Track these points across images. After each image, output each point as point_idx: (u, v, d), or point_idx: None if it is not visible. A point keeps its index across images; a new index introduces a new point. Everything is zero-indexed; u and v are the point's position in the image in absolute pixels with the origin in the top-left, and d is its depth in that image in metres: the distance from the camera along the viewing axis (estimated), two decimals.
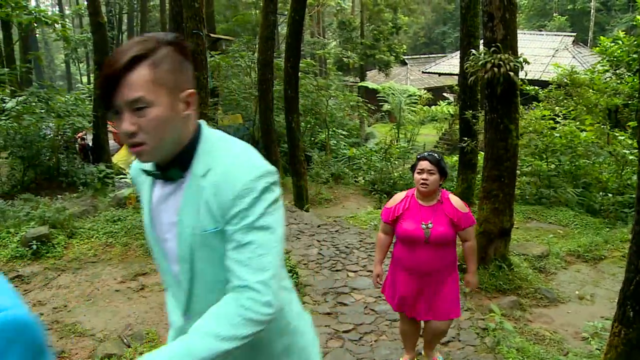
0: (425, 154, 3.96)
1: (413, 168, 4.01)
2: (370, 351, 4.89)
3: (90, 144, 17.67)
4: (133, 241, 6.76)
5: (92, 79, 18.34)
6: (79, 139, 17.22)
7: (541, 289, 7.05)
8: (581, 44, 30.32)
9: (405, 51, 36.02)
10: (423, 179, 3.86)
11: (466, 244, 4.10)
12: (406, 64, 38.27)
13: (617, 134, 11.81)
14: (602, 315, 6.56)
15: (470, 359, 4.73)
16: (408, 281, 4.06)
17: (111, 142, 20.85)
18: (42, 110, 12.99)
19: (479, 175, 11.62)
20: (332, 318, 5.68)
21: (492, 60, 6.55)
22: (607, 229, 9.92)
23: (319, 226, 9.30)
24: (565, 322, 6.46)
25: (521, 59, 6.68)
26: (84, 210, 8.20)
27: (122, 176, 9.25)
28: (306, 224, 9.44)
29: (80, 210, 8.11)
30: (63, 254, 6.47)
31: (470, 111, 10.68)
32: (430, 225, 3.87)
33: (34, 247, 6.35)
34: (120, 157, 19.36)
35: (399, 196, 4.15)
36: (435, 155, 3.94)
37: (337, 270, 7.10)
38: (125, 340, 4.73)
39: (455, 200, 4.01)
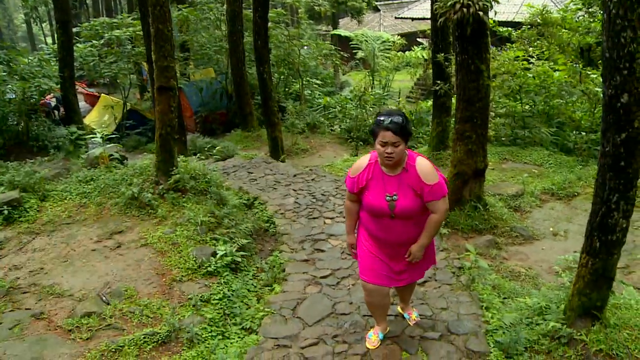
0: (387, 120, 3.39)
1: (373, 134, 3.51)
2: (348, 294, 4.96)
3: (54, 103, 17.27)
4: (107, 200, 6.67)
5: (56, 38, 17.69)
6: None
7: (516, 227, 7.16)
8: None
9: None
10: (388, 153, 3.43)
11: (431, 216, 3.62)
12: (379, 10, 37.64)
13: (589, 72, 11.80)
14: (575, 250, 6.66)
15: (447, 297, 4.81)
16: (379, 250, 3.80)
17: (82, 103, 20.47)
18: (4, 73, 12.58)
19: (453, 119, 11.63)
20: (309, 264, 5.73)
21: (461, 1, 6.44)
22: (580, 167, 10.04)
23: (294, 176, 9.28)
24: (539, 258, 6.59)
25: None
26: (56, 173, 8.05)
27: (93, 136, 9.06)
28: (282, 174, 9.41)
29: (53, 173, 7.96)
30: (36, 218, 6.38)
31: (442, 54, 10.58)
32: (395, 197, 3.54)
33: (5, 212, 6.23)
34: (92, 118, 19.02)
35: (362, 163, 3.70)
36: (398, 119, 3.39)
37: (314, 218, 7.12)
38: (104, 298, 4.72)
39: (422, 167, 3.54)
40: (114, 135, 12.05)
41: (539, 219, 7.73)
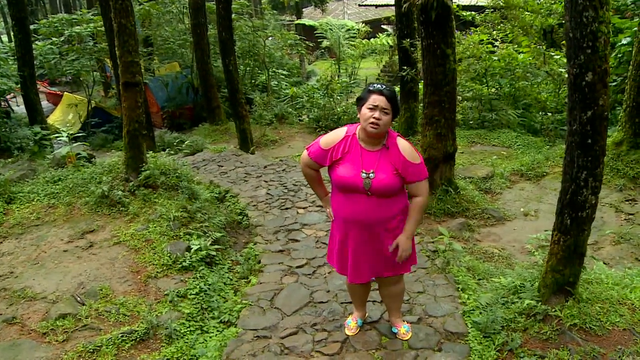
0: (380, 86, 3.27)
1: (361, 101, 3.30)
2: (324, 283, 4.97)
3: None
4: (77, 200, 6.54)
5: (12, 36, 17.20)
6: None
7: (488, 209, 7.26)
8: None
9: None
10: (375, 118, 3.19)
11: (414, 200, 3.45)
12: None
13: (553, 54, 12.00)
14: (546, 229, 6.74)
15: (423, 280, 4.86)
16: (348, 235, 3.54)
17: (44, 102, 20.03)
18: None
19: (421, 104, 11.71)
20: (285, 255, 5.73)
21: None
22: (548, 147, 10.21)
23: (265, 167, 9.25)
24: (512, 238, 6.70)
25: None
26: (22, 175, 7.86)
27: (59, 135, 8.87)
28: (252, 166, 9.37)
29: (18, 174, 7.77)
30: (3, 221, 6.23)
31: (408, 40, 10.63)
32: (371, 175, 3.29)
33: None
34: (56, 117, 18.64)
35: (338, 135, 3.45)
36: (392, 89, 3.29)
37: (286, 209, 7.11)
38: (78, 299, 4.64)
39: (404, 146, 3.36)
40: (80, 134, 11.80)
41: (509, 200, 7.85)
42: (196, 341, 4.19)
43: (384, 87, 3.26)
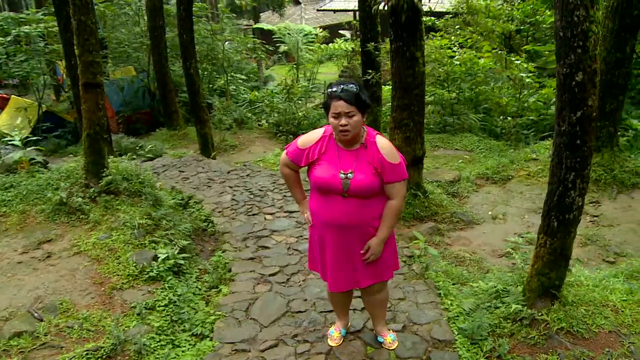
0: (339, 89, 3.10)
1: (326, 109, 3.18)
2: (301, 291, 4.79)
3: None
4: (31, 207, 6.18)
5: None
6: None
7: (456, 212, 7.23)
8: None
9: None
10: (342, 126, 3.10)
11: (389, 203, 3.32)
12: (300, 3, 37.57)
13: (513, 59, 12.17)
14: (515, 231, 6.85)
15: (402, 287, 4.74)
16: (326, 240, 3.43)
17: None
18: None
19: (383, 108, 11.70)
20: (256, 263, 5.52)
21: None
22: (512, 151, 10.30)
23: (228, 172, 9.02)
24: (482, 242, 6.68)
25: None
26: None
27: (10, 139, 8.42)
28: (215, 171, 9.12)
29: None
30: None
31: (372, 43, 10.58)
32: (350, 175, 3.19)
33: None
34: (2, 121, 17.87)
35: (315, 135, 3.36)
36: (352, 87, 3.10)
37: (253, 215, 6.91)
38: (36, 314, 4.32)
39: (383, 145, 3.24)
40: (34, 138, 11.25)
41: (477, 203, 7.85)
42: (168, 356, 3.94)
43: (342, 88, 3.10)
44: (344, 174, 3.21)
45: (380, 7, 6.79)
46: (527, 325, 3.67)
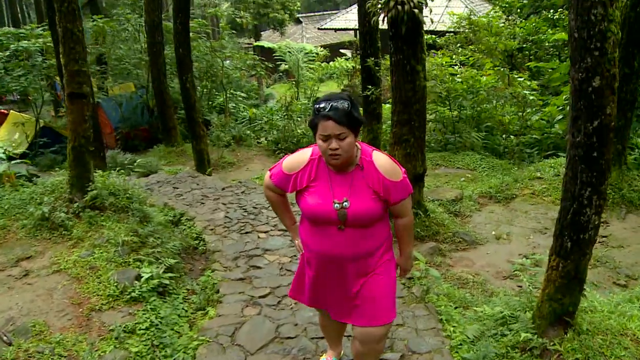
0: (327, 105, 2.63)
1: (313, 127, 2.74)
2: (292, 315, 4.46)
3: None
4: (12, 223, 5.88)
5: None
6: None
7: (459, 232, 6.94)
8: None
9: (299, 9, 35.25)
10: (332, 150, 2.66)
11: (399, 221, 2.99)
12: (301, 22, 37.60)
13: (516, 76, 11.96)
14: (520, 252, 6.55)
15: (401, 311, 4.40)
16: (319, 269, 3.02)
17: None
18: None
19: (384, 126, 11.47)
20: (246, 284, 5.20)
21: None
22: (515, 169, 10.05)
23: (223, 189, 8.73)
24: (485, 263, 6.38)
25: None
26: None
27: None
28: (210, 188, 8.84)
29: None
30: None
31: (372, 58, 10.35)
32: (346, 204, 2.77)
33: None
34: (1, 136, 17.67)
35: (302, 157, 2.92)
36: (342, 104, 2.63)
37: (246, 233, 6.61)
38: (5, 338, 4.00)
39: (382, 162, 2.81)
40: (22, 153, 10.95)
41: (480, 223, 7.56)
42: None
43: (331, 106, 2.63)
44: (338, 203, 2.78)
45: (380, 18, 6.57)
46: (538, 356, 3.34)
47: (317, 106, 2.69)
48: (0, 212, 6.10)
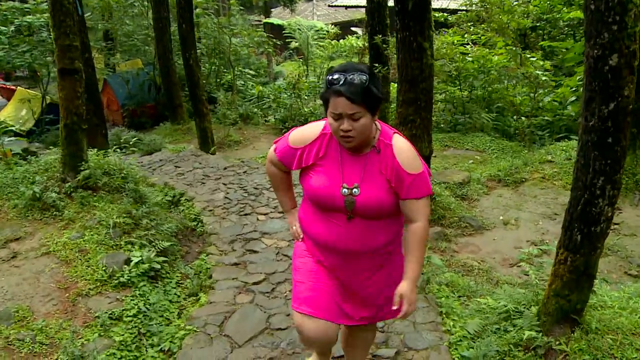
0: (340, 79, 2.23)
1: (324, 101, 2.35)
2: (284, 304, 4.27)
3: None
4: (4, 202, 5.71)
5: None
6: None
7: (465, 217, 6.70)
8: None
9: None
10: (344, 131, 2.29)
11: (411, 227, 2.46)
12: None
13: (528, 56, 11.59)
14: (527, 239, 6.32)
15: None
16: (321, 261, 2.65)
17: None
18: None
19: (392, 105, 11.18)
20: (240, 269, 5.02)
21: None
22: (525, 152, 9.76)
23: (225, 168, 8.54)
24: (491, 249, 6.15)
25: None
26: None
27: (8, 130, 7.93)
28: (212, 167, 8.65)
29: None
30: None
31: (380, 36, 10.04)
32: (355, 191, 2.40)
33: None
34: (7, 112, 17.59)
35: (312, 131, 2.53)
36: (360, 77, 2.22)
37: (245, 215, 6.42)
38: None
39: (402, 149, 2.42)
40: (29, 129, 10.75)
41: (487, 207, 7.30)
42: None
43: (344, 79, 2.22)
44: (347, 188, 2.41)
45: None
46: (542, 355, 3.11)
47: (330, 77, 2.28)
48: None
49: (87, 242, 4.95)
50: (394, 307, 2.43)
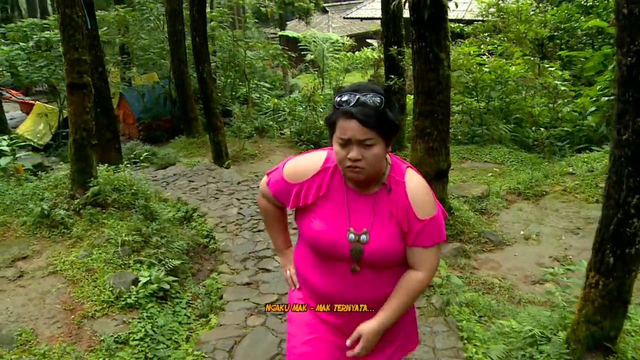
0: (352, 99, 1.91)
1: (331, 125, 2.00)
2: None
3: None
4: (13, 219, 5.62)
5: None
6: None
7: (485, 232, 6.49)
8: None
9: None
10: (352, 161, 1.93)
11: (409, 275, 2.11)
12: (327, 11, 37.06)
13: (547, 66, 11.36)
14: (550, 255, 6.09)
15: (418, 326, 4.00)
16: (321, 317, 2.24)
17: (18, 112, 19.19)
18: None
19: (409, 117, 11.02)
20: (252, 289, 4.86)
21: None
22: (545, 164, 9.51)
23: (239, 183, 8.41)
24: (513, 266, 5.92)
25: None
26: None
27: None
28: (225, 181, 8.54)
29: None
30: None
31: (395, 47, 9.90)
32: (364, 238, 2.03)
33: None
34: (26, 127, 17.78)
35: (312, 164, 2.14)
36: (373, 99, 1.90)
37: (258, 231, 6.27)
38: None
39: (415, 188, 2.05)
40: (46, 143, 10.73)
41: (507, 221, 7.07)
42: None
43: (357, 100, 1.90)
44: (354, 234, 2.03)
45: (402, 3, 6.14)
46: None
47: (339, 99, 1.95)
48: (2, 208, 5.86)
49: (95, 261, 4.82)
50: (347, 343, 2.10)
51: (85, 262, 4.81)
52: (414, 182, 2.06)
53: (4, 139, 7.12)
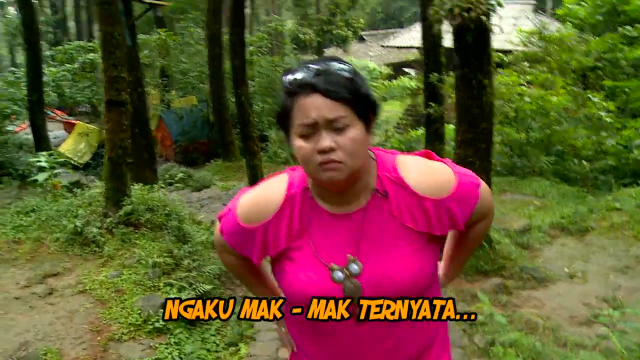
0: (307, 74, 1.31)
1: (283, 118, 1.39)
2: None
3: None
4: (47, 235, 5.60)
5: (24, 60, 16.80)
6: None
7: (527, 267, 6.19)
8: (540, 11, 29.80)
9: (363, 27, 35.00)
10: (324, 153, 1.32)
11: (477, 226, 1.62)
12: (364, 39, 37.30)
13: (591, 96, 11.08)
14: (596, 294, 5.76)
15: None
16: None
17: (61, 132, 19.64)
18: None
19: (447, 146, 10.84)
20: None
21: (460, 4, 5.58)
22: (590, 198, 9.18)
23: None
24: (557, 305, 5.62)
25: (494, 1, 5.74)
26: (7, 203, 7.11)
27: (38, 161, 7.95)
28: None
29: (6, 202, 7.00)
30: None
31: (435, 74, 9.76)
32: (354, 268, 1.40)
33: None
34: (67, 146, 18.21)
35: (270, 194, 1.49)
36: (337, 65, 1.34)
37: None
38: None
39: (416, 176, 1.43)
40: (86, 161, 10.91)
41: (550, 257, 6.77)
42: None
43: (317, 70, 1.32)
44: (339, 269, 1.41)
45: (443, 29, 6.01)
46: None
47: (290, 77, 1.36)
48: (36, 224, 5.87)
49: (125, 282, 4.73)
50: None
51: (115, 283, 4.72)
52: (412, 170, 1.46)
53: (43, 155, 7.18)
